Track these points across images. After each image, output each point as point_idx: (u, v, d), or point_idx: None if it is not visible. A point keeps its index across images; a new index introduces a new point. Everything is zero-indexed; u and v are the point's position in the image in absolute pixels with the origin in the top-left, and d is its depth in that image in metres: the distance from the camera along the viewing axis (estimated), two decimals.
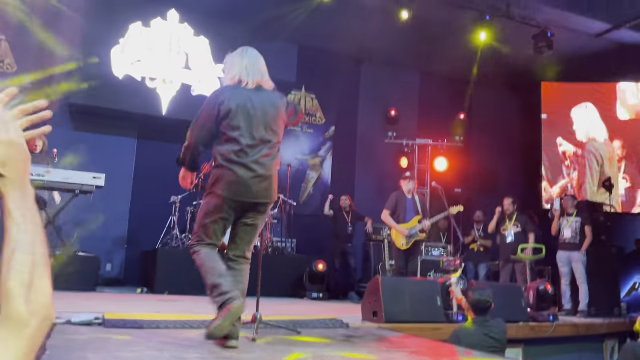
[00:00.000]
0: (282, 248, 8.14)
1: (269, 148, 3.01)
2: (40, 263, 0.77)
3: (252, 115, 2.99)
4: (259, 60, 3.21)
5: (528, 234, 7.49)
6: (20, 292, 0.73)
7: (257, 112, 3.01)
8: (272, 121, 3.05)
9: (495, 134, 10.41)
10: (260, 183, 2.96)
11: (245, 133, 2.96)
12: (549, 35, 8.83)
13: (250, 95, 3.03)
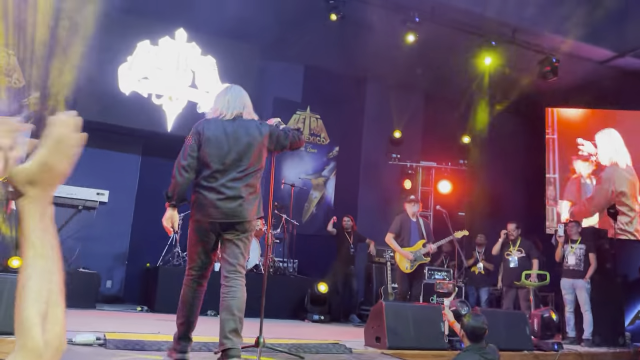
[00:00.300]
0: (284, 268, 8.09)
1: (239, 172, 3.24)
2: (56, 291, 0.76)
3: (224, 143, 3.24)
4: (241, 94, 3.47)
5: (532, 260, 7.44)
6: (37, 321, 0.72)
7: (230, 139, 3.25)
8: (245, 147, 3.26)
9: (499, 158, 10.41)
10: (230, 203, 3.19)
11: (215, 159, 3.22)
12: (553, 61, 8.90)
13: (225, 125, 3.30)
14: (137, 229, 8.27)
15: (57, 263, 0.78)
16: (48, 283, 0.74)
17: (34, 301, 0.72)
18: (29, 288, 0.73)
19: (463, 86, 9.82)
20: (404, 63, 9.01)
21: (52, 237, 0.79)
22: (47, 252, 0.77)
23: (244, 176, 3.25)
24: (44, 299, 0.73)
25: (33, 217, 0.78)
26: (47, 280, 0.75)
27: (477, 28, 8.41)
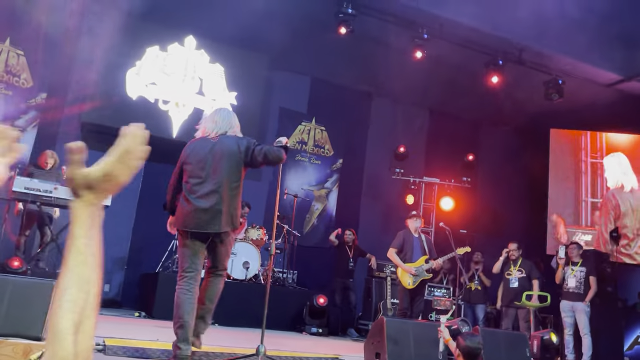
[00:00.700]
0: (283, 279, 8.05)
1: (214, 184, 3.45)
2: (91, 303, 0.75)
3: (204, 159, 3.49)
4: (229, 116, 3.76)
5: (532, 280, 7.40)
6: (71, 331, 0.71)
7: (209, 156, 3.50)
8: (223, 163, 3.49)
9: (502, 176, 10.41)
10: (203, 216, 3.43)
11: (194, 174, 3.50)
12: (559, 82, 8.93)
13: (207, 143, 3.56)
14: (138, 233, 8.25)
15: (98, 273, 0.77)
16: (85, 294, 0.74)
17: (70, 311, 0.71)
18: (66, 296, 0.72)
19: (469, 104, 9.85)
20: (411, 78, 9.04)
21: (97, 245, 0.79)
22: (90, 260, 0.76)
23: (221, 188, 3.46)
24: (79, 310, 0.72)
25: (84, 222, 0.78)
26: (85, 290, 0.74)
27: (484, 46, 8.46)
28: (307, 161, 9.97)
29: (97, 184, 0.79)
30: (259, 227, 7.91)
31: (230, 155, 3.49)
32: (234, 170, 3.50)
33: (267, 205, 9.17)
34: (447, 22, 7.97)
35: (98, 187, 0.80)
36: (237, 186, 3.52)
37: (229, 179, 3.47)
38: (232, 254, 7.19)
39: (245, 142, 3.56)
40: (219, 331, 5.76)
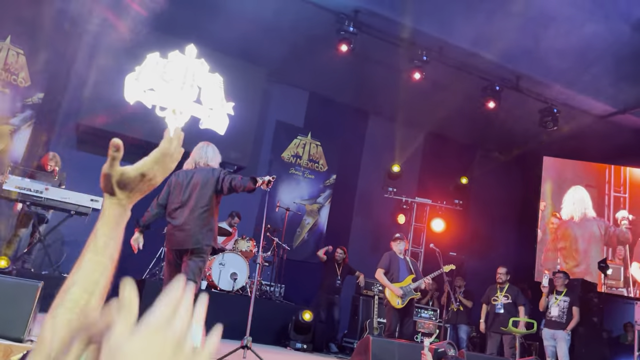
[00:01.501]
0: (270, 292, 8.00)
1: (189, 209, 4.09)
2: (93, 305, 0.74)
3: (183, 187, 4.17)
4: (205, 149, 4.36)
5: (518, 307, 7.40)
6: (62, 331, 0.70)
7: (187, 184, 4.17)
8: (197, 190, 4.13)
9: (494, 201, 10.46)
10: (179, 235, 4.05)
11: (175, 200, 4.16)
12: (554, 111, 9.03)
13: (188, 173, 4.24)
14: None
15: (108, 277, 0.77)
16: (89, 295, 0.73)
17: (69, 310, 0.71)
18: (69, 295, 0.72)
19: (464, 127, 9.93)
20: (408, 99, 9.12)
21: (116, 247, 0.79)
22: (105, 261, 0.76)
23: (194, 212, 4.07)
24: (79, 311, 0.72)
25: (110, 220, 0.78)
26: (89, 291, 0.73)
27: (482, 72, 8.55)
28: (301, 175, 9.99)
29: (131, 183, 0.79)
30: (249, 239, 7.88)
31: (204, 184, 4.13)
32: (205, 196, 4.10)
33: (258, 216, 9.15)
34: (447, 46, 8.07)
35: (132, 186, 0.79)
36: (206, 210, 4.09)
37: (200, 204, 4.09)
38: (220, 264, 7.17)
39: (217, 172, 4.18)
40: None
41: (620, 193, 10.14)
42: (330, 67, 8.63)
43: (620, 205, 10.04)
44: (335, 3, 7.51)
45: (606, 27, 7.29)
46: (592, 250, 9.79)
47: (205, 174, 4.16)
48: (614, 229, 9.86)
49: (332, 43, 7.76)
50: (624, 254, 9.74)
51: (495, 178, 10.63)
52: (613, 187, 10.18)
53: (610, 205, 10.09)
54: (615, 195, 10.13)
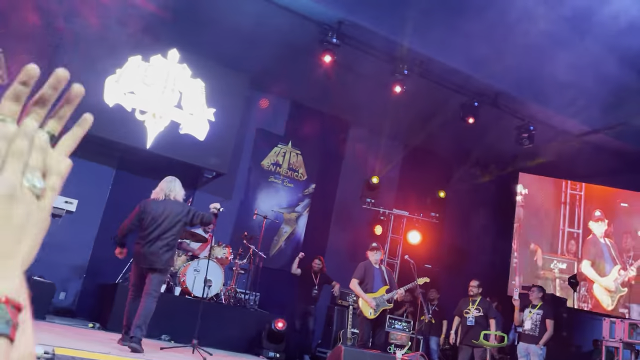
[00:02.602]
0: (245, 300, 7.96)
1: (156, 235, 5.06)
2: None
3: (154, 216, 5.09)
4: (173, 183, 5.30)
5: (489, 320, 7.47)
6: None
7: (157, 214, 5.10)
8: (165, 220, 5.09)
9: (470, 215, 10.59)
10: (150, 257, 5.04)
11: (148, 226, 5.08)
12: (530, 128, 9.21)
13: (160, 205, 5.15)
14: (101, 242, 8.07)
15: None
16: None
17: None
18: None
19: (443, 141, 10.06)
20: (389, 112, 9.21)
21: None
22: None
23: (163, 238, 5.07)
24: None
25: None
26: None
27: (462, 87, 8.70)
28: (280, 183, 9.99)
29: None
30: (225, 246, 7.84)
31: (175, 216, 5.11)
32: (174, 227, 5.11)
33: (235, 224, 9.12)
34: (428, 61, 8.19)
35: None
36: (174, 238, 5.14)
37: (170, 232, 5.08)
38: (195, 270, 7.12)
39: (188, 208, 5.26)
40: (175, 350, 5.65)
41: (576, 190, 10.52)
42: (312, 77, 8.68)
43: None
44: (319, 14, 7.58)
45: (584, 51, 7.49)
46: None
47: (176, 208, 5.16)
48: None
49: (315, 53, 7.81)
50: (575, 249, 10.07)
51: (472, 192, 10.77)
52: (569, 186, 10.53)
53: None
54: (571, 193, 10.48)
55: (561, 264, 10.05)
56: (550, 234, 10.39)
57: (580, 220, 10.32)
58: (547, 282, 9.93)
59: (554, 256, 10.20)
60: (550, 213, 10.46)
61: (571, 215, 10.40)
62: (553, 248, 10.31)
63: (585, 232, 10.24)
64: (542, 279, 9.99)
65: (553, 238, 10.38)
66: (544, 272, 10.13)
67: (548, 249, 10.28)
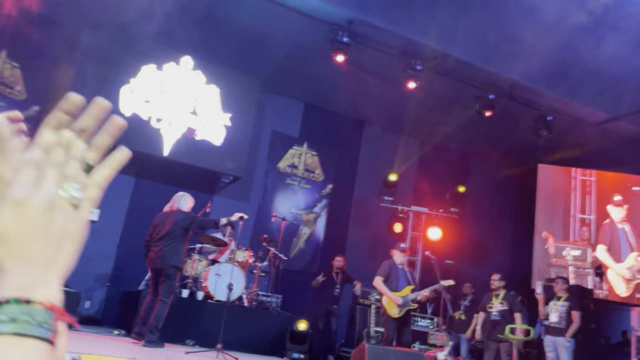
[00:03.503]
0: (267, 303, 7.98)
1: (162, 241, 5.83)
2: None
3: (158, 224, 5.99)
4: (182, 199, 6.12)
5: (514, 313, 7.36)
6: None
7: (160, 223, 5.97)
8: (166, 227, 5.87)
9: (490, 209, 10.49)
10: (155, 258, 5.83)
11: (153, 234, 5.98)
12: (548, 119, 9.08)
13: (164, 215, 6.04)
14: (123, 251, 8.18)
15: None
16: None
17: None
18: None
19: (459, 136, 9.97)
20: (403, 108, 9.17)
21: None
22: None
23: (165, 244, 5.81)
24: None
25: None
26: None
27: (476, 80, 8.61)
28: (297, 185, 10.00)
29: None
30: (245, 249, 7.87)
31: (176, 222, 5.86)
32: (175, 233, 5.84)
33: (254, 226, 9.15)
34: (441, 55, 8.13)
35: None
36: (173, 242, 5.82)
37: (170, 237, 5.82)
38: (216, 275, 7.16)
39: (187, 215, 5.98)
40: (200, 354, 5.69)
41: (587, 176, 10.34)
42: (325, 77, 8.69)
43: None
44: (329, 14, 7.57)
45: (598, 37, 7.36)
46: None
47: (178, 215, 5.92)
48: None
49: (327, 53, 7.80)
50: (588, 235, 9.90)
51: (491, 186, 10.66)
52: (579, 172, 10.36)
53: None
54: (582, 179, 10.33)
55: (574, 251, 9.89)
56: (561, 221, 10.22)
57: (592, 206, 10.14)
58: (560, 270, 9.78)
59: (566, 243, 10.04)
60: (560, 200, 10.29)
61: (582, 201, 10.22)
62: (565, 235, 10.14)
63: (599, 218, 10.04)
64: (556, 267, 9.83)
65: (564, 225, 10.20)
66: (557, 260, 9.96)
67: (560, 237, 10.12)
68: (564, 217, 10.24)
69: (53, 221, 0.50)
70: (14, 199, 0.50)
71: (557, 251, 9.96)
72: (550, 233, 10.07)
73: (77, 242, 0.53)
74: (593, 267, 9.51)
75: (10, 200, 0.50)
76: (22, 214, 0.49)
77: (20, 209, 0.49)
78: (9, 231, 0.49)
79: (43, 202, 0.50)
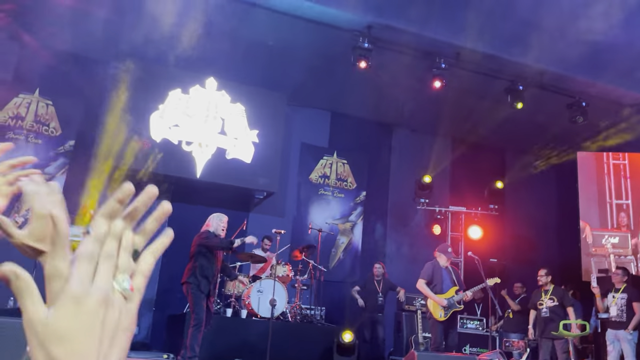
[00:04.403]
0: (311, 316, 7.93)
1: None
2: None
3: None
4: (211, 218, 6.13)
5: (566, 308, 7.07)
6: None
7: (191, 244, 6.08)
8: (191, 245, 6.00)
9: (530, 202, 10.20)
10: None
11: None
12: (583, 104, 8.81)
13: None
14: (165, 275, 8.27)
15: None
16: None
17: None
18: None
19: (492, 131, 9.76)
20: (431, 108, 9.05)
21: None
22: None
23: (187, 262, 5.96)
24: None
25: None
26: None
27: (503, 72, 8.43)
28: (331, 195, 9.96)
29: (41, 233, 0.67)
30: (285, 264, 7.86)
31: (193, 241, 5.98)
32: (191, 251, 5.93)
33: (292, 240, 9.12)
34: (464, 51, 7.99)
35: (44, 233, 0.68)
36: (192, 259, 5.88)
37: (192, 255, 5.93)
38: (258, 292, 7.15)
39: (199, 234, 6.01)
40: None
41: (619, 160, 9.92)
42: (348, 85, 8.65)
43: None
44: (348, 21, 7.55)
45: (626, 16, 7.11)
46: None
47: (197, 235, 6.02)
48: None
49: (348, 61, 7.77)
50: (626, 221, 9.46)
51: (530, 179, 10.37)
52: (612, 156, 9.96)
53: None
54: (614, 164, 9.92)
55: (613, 239, 9.48)
56: (597, 209, 9.82)
57: (629, 190, 9.73)
58: (601, 259, 9.39)
59: (604, 231, 9.63)
60: (594, 187, 9.90)
61: (617, 186, 9.80)
62: (602, 223, 9.74)
63: (636, 202, 9.61)
64: (596, 256, 9.45)
65: (601, 212, 9.80)
66: (596, 249, 9.57)
67: (597, 224, 9.72)
68: (600, 204, 9.85)
69: (108, 316, 0.50)
70: (72, 295, 0.49)
71: (596, 240, 9.59)
72: (586, 222, 9.71)
73: (130, 334, 0.53)
74: (635, 254, 9.12)
75: (68, 297, 0.49)
76: (80, 310, 0.49)
77: (78, 305, 0.49)
78: (68, 329, 0.49)
79: (99, 297, 0.50)
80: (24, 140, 7.80)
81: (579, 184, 9.94)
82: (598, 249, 9.58)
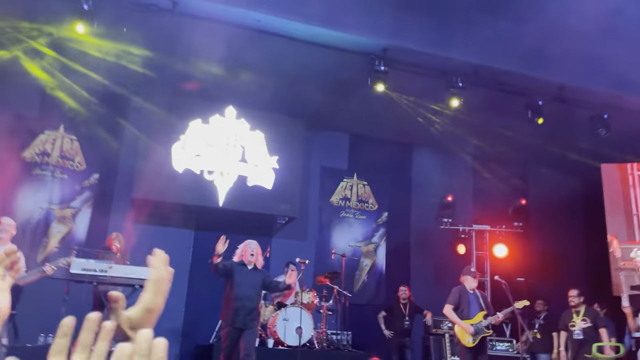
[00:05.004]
0: (338, 341, 7.85)
1: None
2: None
3: None
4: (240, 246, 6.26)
5: (599, 329, 6.87)
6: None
7: None
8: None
9: (556, 219, 10.03)
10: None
11: None
12: (604, 117, 8.68)
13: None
14: (191, 305, 8.30)
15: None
16: None
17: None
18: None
19: (513, 147, 9.66)
20: (451, 127, 9.00)
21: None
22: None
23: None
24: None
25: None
26: None
27: (522, 88, 8.36)
28: (352, 217, 9.93)
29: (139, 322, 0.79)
30: (309, 290, 7.82)
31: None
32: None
33: (315, 264, 9.09)
34: (481, 68, 7.97)
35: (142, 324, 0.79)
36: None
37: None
38: (284, 320, 7.12)
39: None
40: None
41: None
42: (366, 107, 8.67)
43: None
44: (363, 45, 7.59)
45: None
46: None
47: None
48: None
49: (366, 83, 7.79)
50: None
51: (555, 194, 10.21)
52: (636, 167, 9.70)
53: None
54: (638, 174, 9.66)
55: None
56: (624, 222, 9.57)
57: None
58: (631, 273, 9.12)
59: (632, 244, 9.37)
60: (620, 199, 9.67)
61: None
62: (630, 236, 9.48)
63: None
64: (625, 270, 9.18)
65: (628, 225, 9.55)
66: (625, 263, 9.31)
67: (624, 237, 9.46)
68: (626, 216, 9.61)
69: None
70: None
71: (624, 253, 9.34)
72: (613, 235, 9.48)
73: None
74: None
75: None
76: None
77: None
78: None
79: None
80: (50, 175, 7.97)
81: (605, 196, 9.73)
82: (627, 263, 9.34)
